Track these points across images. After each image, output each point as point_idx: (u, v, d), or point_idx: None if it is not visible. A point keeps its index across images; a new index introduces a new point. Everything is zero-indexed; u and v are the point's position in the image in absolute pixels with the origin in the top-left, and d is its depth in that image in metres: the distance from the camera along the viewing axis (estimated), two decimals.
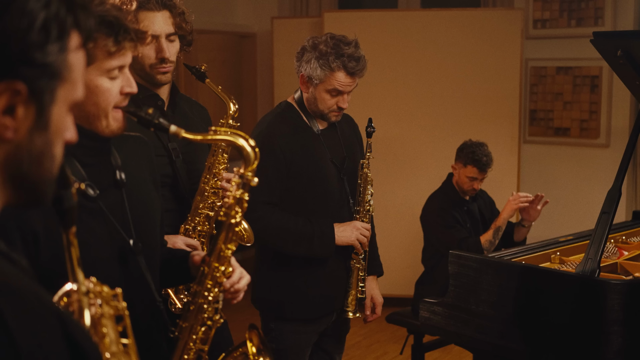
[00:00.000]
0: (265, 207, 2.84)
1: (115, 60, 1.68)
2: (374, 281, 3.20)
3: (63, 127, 1.00)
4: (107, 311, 1.27)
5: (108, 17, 1.65)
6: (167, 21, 2.40)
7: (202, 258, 1.87)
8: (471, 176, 4.27)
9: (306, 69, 2.87)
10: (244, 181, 1.81)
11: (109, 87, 1.69)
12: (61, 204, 1.15)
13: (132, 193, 1.85)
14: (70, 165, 1.70)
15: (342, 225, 2.93)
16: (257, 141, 2.86)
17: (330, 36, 2.88)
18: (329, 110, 2.92)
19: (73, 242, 1.19)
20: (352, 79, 2.87)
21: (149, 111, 1.69)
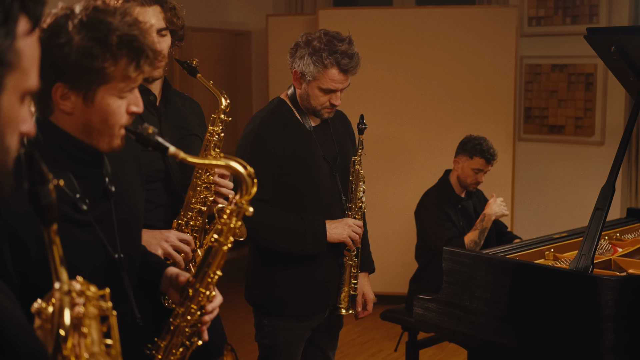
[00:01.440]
0: (257, 203, 2.80)
1: (131, 82, 1.66)
2: (366, 278, 3.20)
3: (15, 118, 0.95)
4: (90, 311, 1.23)
5: (135, 43, 1.61)
6: (158, 16, 2.38)
7: (187, 280, 1.85)
8: (477, 168, 4.31)
9: (299, 65, 2.87)
10: (239, 210, 1.79)
11: (119, 106, 1.66)
12: (38, 200, 1.11)
13: (121, 201, 1.83)
14: (64, 178, 1.68)
15: (334, 222, 2.93)
16: (249, 137, 2.89)
17: (324, 32, 2.87)
18: (321, 107, 2.91)
19: (55, 240, 1.15)
20: (345, 76, 2.87)
21: (148, 131, 1.66)
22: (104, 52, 1.59)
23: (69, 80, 1.61)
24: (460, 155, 4.39)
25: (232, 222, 1.80)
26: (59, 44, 1.58)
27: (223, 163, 1.77)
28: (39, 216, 1.12)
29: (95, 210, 1.74)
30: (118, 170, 1.86)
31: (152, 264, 2.03)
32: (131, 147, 1.85)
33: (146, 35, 1.67)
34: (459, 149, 4.43)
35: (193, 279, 1.84)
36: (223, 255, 1.82)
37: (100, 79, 1.61)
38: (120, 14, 1.64)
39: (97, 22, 1.60)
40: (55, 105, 1.65)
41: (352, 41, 2.89)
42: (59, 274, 1.16)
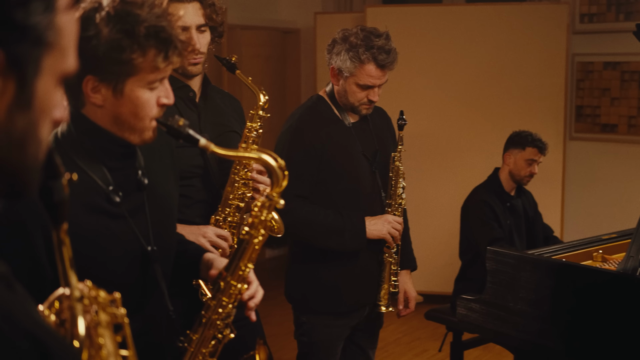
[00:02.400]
0: (296, 199, 2.82)
1: (160, 73, 1.66)
2: (407, 275, 3.17)
3: (50, 104, 0.84)
4: (104, 319, 1.13)
5: (163, 34, 1.62)
6: (198, 12, 2.39)
7: (220, 272, 1.84)
8: (530, 158, 4.29)
9: (336, 61, 2.85)
10: (270, 202, 1.78)
11: (148, 98, 1.67)
12: (50, 197, 0.99)
13: (154, 194, 1.84)
14: (97, 171, 1.70)
15: (373, 219, 2.90)
16: (288, 134, 2.88)
17: (361, 28, 2.85)
18: (359, 103, 2.89)
19: (64, 241, 1.04)
20: (382, 71, 2.84)
21: (179, 122, 1.67)
22: (131, 43, 1.59)
23: (98, 72, 1.62)
24: (511, 149, 4.36)
25: (263, 215, 1.79)
26: (88, 37, 1.59)
27: (254, 155, 1.77)
28: (49, 214, 1.01)
29: (128, 202, 1.75)
30: (151, 163, 1.87)
31: (191, 250, 2.03)
32: (165, 141, 1.86)
33: (175, 27, 1.67)
34: (508, 144, 4.41)
35: (225, 272, 1.83)
36: (254, 248, 1.81)
37: (128, 71, 1.62)
38: (149, 6, 1.64)
39: (125, 14, 1.60)
40: (87, 98, 1.66)
41: (389, 37, 2.86)
42: (68, 278, 1.04)
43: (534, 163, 4.31)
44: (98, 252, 1.69)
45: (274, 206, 1.80)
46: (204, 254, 2.00)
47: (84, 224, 1.66)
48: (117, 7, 1.61)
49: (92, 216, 1.68)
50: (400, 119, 3.00)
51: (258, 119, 2.50)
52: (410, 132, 5.62)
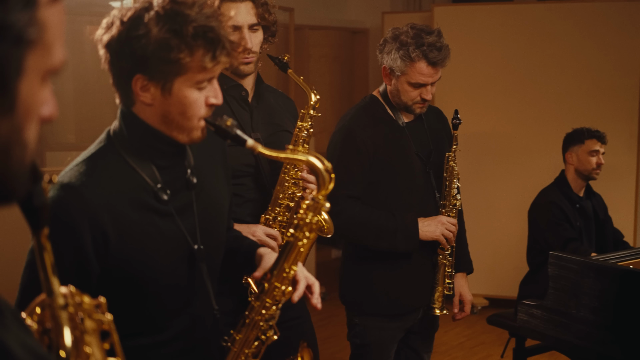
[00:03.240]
0: (347, 200, 2.80)
1: (208, 73, 1.67)
2: (463, 278, 3.11)
3: (36, 105, 0.80)
4: (90, 326, 1.06)
5: (211, 34, 1.62)
6: (250, 12, 2.40)
7: (264, 274, 1.83)
8: (593, 150, 4.23)
9: (387, 60, 2.83)
10: (316, 205, 1.76)
11: (196, 98, 1.67)
12: (29, 201, 0.92)
13: (203, 193, 1.85)
14: (146, 169, 1.72)
15: (426, 220, 2.86)
16: (340, 134, 2.86)
17: (412, 26, 2.81)
18: (412, 102, 2.85)
19: (46, 246, 0.97)
20: (434, 69, 2.80)
21: (227, 123, 1.67)
22: (179, 43, 1.60)
23: (147, 71, 1.64)
24: (571, 147, 4.29)
25: (308, 217, 1.78)
26: (138, 36, 1.61)
27: (300, 157, 1.75)
28: (29, 218, 0.94)
29: (176, 200, 1.76)
30: (202, 162, 1.87)
31: (246, 245, 2.04)
32: (218, 141, 1.86)
33: (225, 27, 1.67)
34: (566, 144, 4.34)
35: (269, 273, 1.83)
36: (299, 251, 1.81)
37: (176, 70, 1.63)
38: (199, 6, 1.65)
39: (174, 14, 1.62)
40: (136, 97, 1.68)
41: (441, 33, 2.81)
42: (51, 285, 0.97)
43: (597, 154, 4.23)
44: (146, 248, 1.71)
45: (320, 209, 1.79)
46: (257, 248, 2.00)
47: (132, 220, 1.69)
48: (167, 7, 1.63)
49: (139, 213, 1.70)
50: (454, 118, 2.94)
51: (309, 118, 2.49)
52: (475, 132, 5.59)
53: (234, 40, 1.69)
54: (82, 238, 1.63)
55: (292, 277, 1.83)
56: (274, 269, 1.82)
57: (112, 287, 1.71)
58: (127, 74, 1.66)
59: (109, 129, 1.77)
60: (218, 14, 1.67)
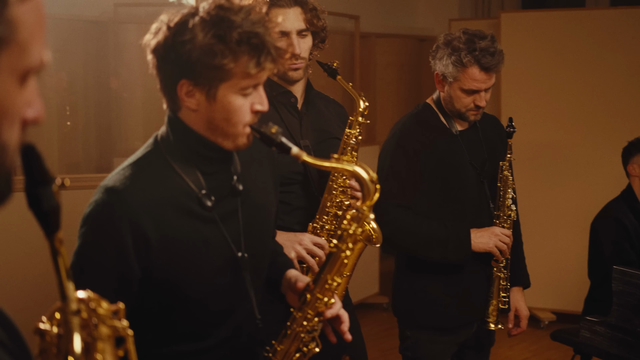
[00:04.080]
0: (398, 209, 2.76)
1: (253, 80, 1.66)
2: (519, 292, 3.01)
3: (13, 105, 0.78)
4: (104, 332, 1.04)
5: (255, 40, 1.61)
6: (299, 17, 2.38)
7: (306, 285, 1.82)
8: None
9: (439, 66, 2.77)
10: (360, 216, 1.74)
11: (241, 104, 1.67)
12: (39, 205, 0.92)
13: (249, 200, 1.83)
14: (191, 175, 1.72)
15: (479, 231, 2.78)
16: (391, 142, 2.82)
17: (464, 31, 2.75)
18: (466, 109, 2.79)
19: (60, 251, 0.96)
20: (487, 74, 2.72)
21: (272, 130, 1.66)
22: (223, 49, 1.60)
23: (192, 77, 1.64)
24: (632, 158, 4.12)
25: (351, 228, 1.75)
26: (183, 41, 1.61)
27: (345, 167, 1.72)
28: (40, 223, 0.94)
29: (221, 207, 1.75)
30: (249, 169, 1.86)
31: (277, 264, 2.02)
32: (266, 148, 1.82)
33: (271, 33, 1.65)
34: (626, 156, 4.17)
35: (312, 284, 1.80)
36: (342, 262, 1.78)
37: (221, 76, 1.63)
38: (245, 12, 1.64)
39: (219, 19, 1.61)
40: (182, 102, 1.69)
41: (494, 39, 2.74)
42: (65, 289, 0.96)
43: None
44: (189, 255, 1.71)
45: (364, 220, 1.75)
46: (287, 269, 1.98)
47: (175, 226, 1.68)
48: (213, 13, 1.62)
49: (183, 219, 1.70)
50: (509, 126, 2.85)
51: (357, 125, 2.46)
52: (542, 141, 5.45)
53: (281, 46, 1.68)
54: (124, 242, 1.63)
55: None
56: (316, 280, 1.80)
57: (154, 293, 1.71)
58: (172, 80, 1.67)
59: (156, 134, 1.78)
60: (265, 19, 1.66)
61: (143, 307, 1.72)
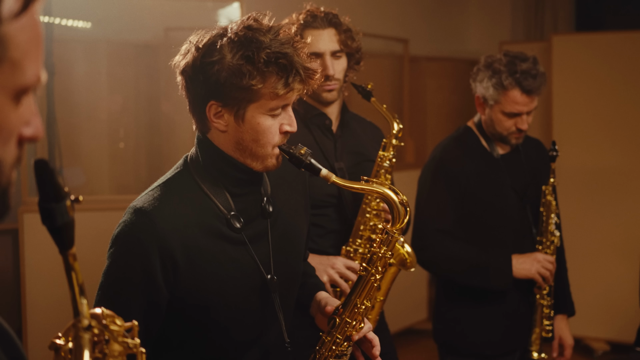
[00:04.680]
0: (437, 234, 2.71)
1: (281, 100, 1.65)
2: (564, 321, 2.91)
3: (7, 123, 0.79)
4: (115, 349, 1.05)
5: (283, 60, 1.61)
6: (332, 38, 2.37)
7: (335, 309, 1.79)
8: None
9: (480, 89, 2.73)
10: (390, 238, 1.72)
11: (270, 125, 1.66)
12: (53, 220, 0.92)
13: (279, 222, 1.81)
14: (220, 196, 1.71)
15: (521, 257, 2.70)
16: (431, 166, 2.77)
17: (505, 53, 2.71)
18: (507, 132, 2.73)
19: (74, 266, 0.96)
20: (529, 97, 2.66)
21: (301, 151, 1.66)
22: (251, 69, 1.59)
23: (221, 98, 1.63)
24: None
25: (381, 251, 1.73)
26: (211, 62, 1.61)
27: (374, 188, 1.71)
28: (54, 238, 0.95)
29: (250, 229, 1.74)
30: (279, 191, 1.85)
31: (308, 285, 1.99)
32: (298, 169, 1.80)
33: (301, 54, 1.64)
34: None
35: (341, 308, 1.78)
36: (372, 285, 1.76)
37: (249, 97, 1.62)
38: (274, 32, 1.64)
39: (248, 40, 1.61)
40: (210, 123, 1.68)
41: (536, 61, 2.68)
42: (78, 305, 0.97)
43: None
44: (217, 277, 1.69)
45: (394, 243, 1.73)
46: (318, 291, 1.96)
47: (202, 247, 1.67)
48: (241, 34, 1.62)
49: (211, 240, 1.69)
50: (551, 150, 2.76)
51: (391, 148, 2.43)
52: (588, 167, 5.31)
53: (311, 67, 1.66)
54: (151, 262, 1.62)
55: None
56: (346, 304, 1.77)
57: (182, 315, 1.70)
58: (201, 101, 1.67)
59: (186, 155, 1.78)
60: (294, 40, 1.65)
61: (171, 329, 1.71)
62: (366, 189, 1.72)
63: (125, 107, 5.11)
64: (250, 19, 1.67)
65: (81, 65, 4.96)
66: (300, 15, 2.39)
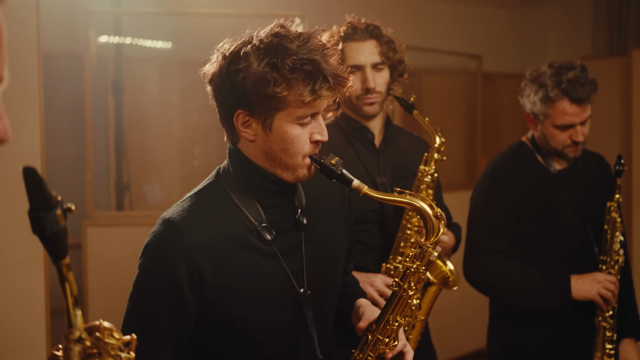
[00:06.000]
0: (490, 254, 2.59)
1: (309, 109, 1.60)
2: (630, 345, 2.71)
3: None
4: None
5: (309, 66, 1.56)
6: (373, 50, 2.30)
7: (369, 325, 1.73)
8: None
9: (528, 105, 2.62)
10: (423, 253, 1.66)
11: (299, 134, 1.61)
12: (42, 230, 0.90)
13: (314, 235, 1.76)
14: (251, 207, 1.67)
15: (581, 278, 2.54)
16: (483, 183, 2.66)
17: (550, 64, 2.59)
18: (563, 146, 2.60)
19: (68, 277, 0.94)
20: (579, 107, 2.52)
21: (332, 161, 1.61)
22: (276, 76, 1.55)
23: (248, 106, 1.59)
24: None
25: (414, 266, 1.67)
26: (237, 70, 1.58)
27: (406, 200, 1.64)
28: (45, 247, 0.92)
29: (282, 241, 1.69)
30: (316, 204, 1.79)
31: (350, 294, 1.93)
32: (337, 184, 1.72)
33: (329, 61, 1.59)
34: None
35: (374, 324, 1.71)
36: (406, 302, 1.70)
37: (276, 105, 1.58)
38: (302, 39, 1.59)
39: (274, 48, 1.57)
40: (239, 133, 1.64)
41: (585, 68, 2.55)
42: (71, 317, 0.95)
43: None
44: (246, 289, 1.64)
45: (427, 257, 1.66)
46: (358, 298, 1.89)
47: (231, 259, 1.63)
48: (267, 41, 1.59)
49: (240, 252, 1.64)
50: (617, 164, 2.58)
51: (433, 162, 2.34)
52: None
53: (342, 74, 1.60)
54: (177, 274, 1.59)
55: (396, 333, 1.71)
56: (379, 320, 1.71)
57: (211, 328, 1.66)
58: (229, 110, 1.63)
59: (220, 166, 1.75)
60: (324, 47, 1.60)
61: (201, 342, 1.67)
62: (398, 201, 1.65)
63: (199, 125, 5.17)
64: (278, 26, 1.63)
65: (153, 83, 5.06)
66: (341, 28, 2.34)
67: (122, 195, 4.68)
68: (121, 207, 4.64)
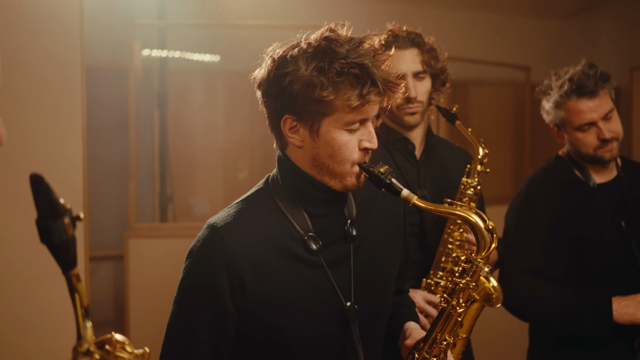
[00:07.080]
0: (525, 276, 2.47)
1: (358, 114, 1.56)
2: None
3: None
4: None
5: (357, 70, 1.52)
6: (415, 59, 2.25)
7: (416, 343, 1.67)
8: None
9: (547, 117, 2.54)
10: (474, 268, 1.60)
11: (346, 141, 1.57)
12: (50, 239, 0.88)
13: (364, 247, 1.70)
14: (297, 215, 1.63)
15: (624, 300, 2.39)
16: (518, 200, 2.56)
17: (554, 72, 2.52)
18: (593, 149, 2.47)
19: (77, 288, 0.92)
20: (590, 100, 2.41)
21: (381, 170, 1.56)
22: (323, 80, 1.52)
23: (295, 111, 1.56)
24: None
25: (463, 281, 1.61)
26: (285, 74, 1.55)
27: (458, 212, 1.58)
28: (54, 257, 0.90)
29: (330, 252, 1.64)
30: (367, 215, 1.73)
31: (400, 316, 1.86)
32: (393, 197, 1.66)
33: (379, 66, 1.54)
34: None
35: (422, 343, 1.65)
36: (455, 319, 1.64)
37: (323, 110, 1.54)
38: (353, 44, 1.55)
39: (322, 51, 1.54)
40: (287, 139, 1.61)
41: (592, 65, 2.48)
42: (81, 329, 0.93)
43: None
44: (289, 299, 1.60)
45: (478, 273, 1.60)
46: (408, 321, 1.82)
47: (274, 268, 1.59)
48: (315, 45, 1.56)
49: (284, 261, 1.60)
50: None
51: (476, 174, 2.26)
52: None
53: (392, 80, 1.55)
54: (218, 280, 1.56)
55: None
56: (426, 338, 1.66)
57: (252, 337, 1.62)
58: (276, 115, 1.60)
59: (269, 174, 1.72)
60: (375, 51, 1.56)
61: (242, 351, 1.63)
62: (449, 212, 1.59)
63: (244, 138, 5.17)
64: (328, 30, 1.59)
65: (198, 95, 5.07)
66: (383, 36, 2.28)
67: (166, 207, 4.70)
68: (164, 219, 4.65)
